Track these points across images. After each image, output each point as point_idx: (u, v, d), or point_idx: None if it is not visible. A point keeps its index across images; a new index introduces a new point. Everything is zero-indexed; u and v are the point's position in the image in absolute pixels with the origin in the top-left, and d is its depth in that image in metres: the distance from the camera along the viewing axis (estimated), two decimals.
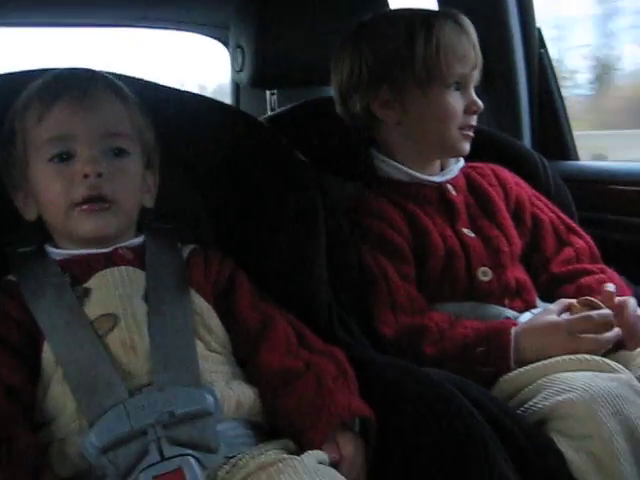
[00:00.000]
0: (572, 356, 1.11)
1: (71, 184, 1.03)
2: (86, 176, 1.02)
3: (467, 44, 1.34)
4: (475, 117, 1.37)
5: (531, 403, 1.06)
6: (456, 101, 1.34)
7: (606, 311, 1.18)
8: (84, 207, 1.03)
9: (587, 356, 1.11)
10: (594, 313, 1.17)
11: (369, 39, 1.38)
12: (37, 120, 1.05)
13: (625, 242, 1.67)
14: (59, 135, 1.04)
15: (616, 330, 1.16)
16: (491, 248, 1.33)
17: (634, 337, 1.19)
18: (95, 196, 1.03)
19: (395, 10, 1.47)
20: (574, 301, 1.22)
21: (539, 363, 1.13)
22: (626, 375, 1.07)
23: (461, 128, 1.35)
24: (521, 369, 1.14)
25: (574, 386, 1.03)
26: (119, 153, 1.07)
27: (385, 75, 1.35)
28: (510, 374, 1.14)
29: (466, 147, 1.38)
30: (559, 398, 1.03)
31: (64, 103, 1.05)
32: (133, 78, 1.25)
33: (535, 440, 0.98)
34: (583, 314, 1.17)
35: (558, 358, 1.12)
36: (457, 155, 1.41)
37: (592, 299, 1.21)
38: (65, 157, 1.04)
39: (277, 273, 1.18)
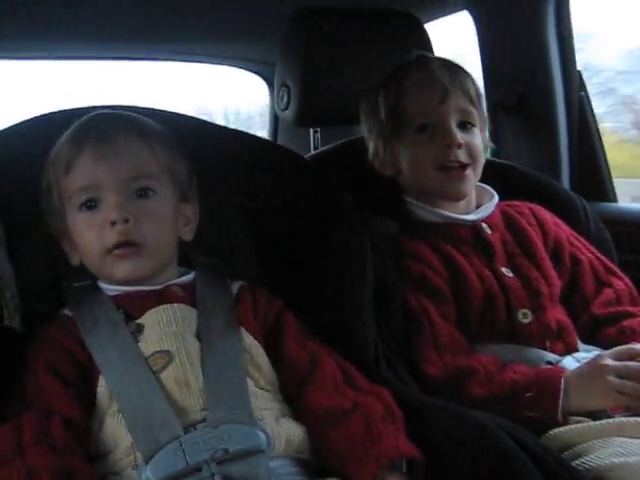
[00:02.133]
0: (627, 419, 1.10)
1: (101, 231, 1.06)
2: (113, 223, 1.05)
3: (432, 80, 1.37)
4: (456, 151, 1.35)
5: (583, 460, 1.04)
6: (424, 141, 1.37)
7: None
8: (116, 252, 1.06)
9: None
10: (635, 345, 1.16)
11: (363, 103, 1.48)
12: (65, 172, 1.09)
13: None
14: (86, 185, 1.08)
15: None
16: (530, 289, 1.33)
17: None
18: (124, 241, 1.06)
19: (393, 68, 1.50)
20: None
21: (592, 423, 1.12)
22: None
23: (441, 168, 1.36)
24: (572, 426, 1.13)
25: (632, 450, 1.01)
26: (145, 194, 1.09)
27: (374, 133, 1.45)
28: (561, 429, 1.13)
29: (457, 188, 1.38)
30: (615, 460, 1.00)
31: (87, 152, 1.08)
32: (171, 113, 1.29)
33: None
34: (632, 363, 1.16)
35: (610, 421, 1.11)
36: (453, 198, 1.40)
37: (630, 347, 1.20)
38: (93, 205, 1.08)
39: (324, 313, 1.20)
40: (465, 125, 1.38)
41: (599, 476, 1.01)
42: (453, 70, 1.41)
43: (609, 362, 1.16)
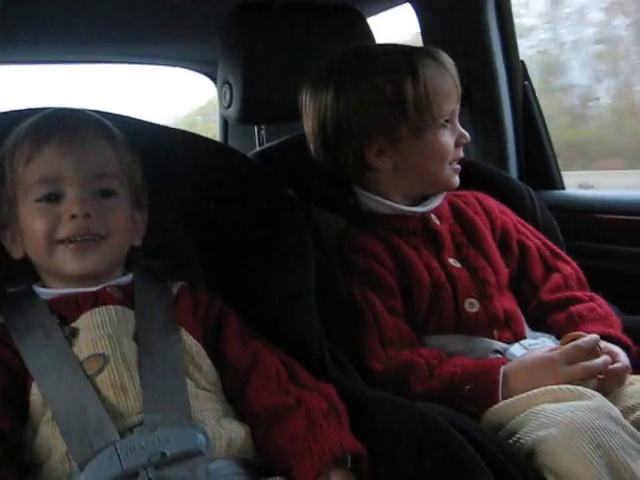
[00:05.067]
0: (552, 387, 1.10)
1: (57, 223, 1.04)
2: (73, 217, 1.03)
3: (450, 80, 1.35)
4: (461, 149, 1.38)
5: (516, 437, 1.05)
6: (448, 139, 1.35)
7: (593, 336, 1.18)
8: (70, 246, 1.03)
9: (565, 386, 1.10)
10: (582, 341, 1.16)
11: (352, 87, 1.34)
12: (26, 161, 1.06)
13: (612, 270, 1.68)
14: (48, 177, 1.05)
15: (603, 357, 1.16)
16: (477, 279, 1.33)
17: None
18: (84, 234, 1.03)
19: (370, 49, 1.43)
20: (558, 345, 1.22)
21: (521, 395, 1.12)
22: (604, 403, 1.06)
23: (451, 163, 1.37)
24: (506, 400, 1.13)
25: (555, 420, 1.02)
26: (107, 194, 1.08)
27: (378, 125, 1.33)
28: (496, 406, 1.13)
29: (457, 181, 1.39)
30: (540, 433, 1.01)
31: (53, 145, 1.06)
32: (121, 116, 1.26)
33: (528, 476, 0.97)
34: (573, 343, 1.16)
35: (538, 390, 1.11)
36: (448, 189, 1.41)
37: (576, 333, 1.21)
38: (53, 198, 1.05)
39: (267, 310, 1.19)
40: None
41: (529, 451, 1.03)
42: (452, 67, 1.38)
43: (552, 353, 1.17)
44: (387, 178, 1.39)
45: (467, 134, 1.38)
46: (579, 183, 2.07)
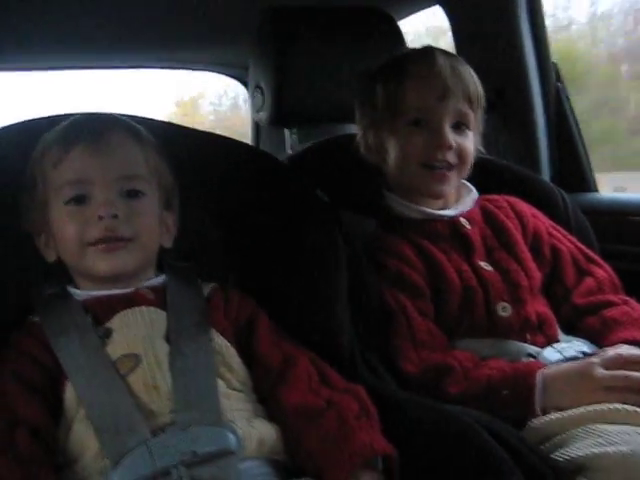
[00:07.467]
0: (607, 406, 1.07)
1: (86, 225, 1.05)
2: (101, 218, 1.04)
3: (433, 75, 1.33)
4: (445, 153, 1.33)
5: (563, 451, 1.02)
6: (415, 136, 1.34)
7: (637, 351, 1.16)
8: (100, 246, 1.04)
9: (622, 406, 1.07)
10: (624, 350, 1.14)
11: (359, 89, 1.45)
12: (55, 164, 1.07)
13: None
14: (76, 179, 1.06)
15: None
16: (510, 282, 1.32)
17: None
18: (110, 237, 1.04)
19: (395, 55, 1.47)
20: None
21: (571, 411, 1.09)
22: None
23: (425, 165, 1.34)
24: (552, 416, 1.11)
25: (611, 440, 0.99)
26: (135, 195, 1.09)
27: (367, 120, 1.42)
28: (541, 419, 1.11)
29: (437, 188, 1.36)
30: (595, 450, 0.98)
31: (81, 147, 1.07)
32: (153, 120, 1.27)
33: None
34: (614, 350, 1.15)
35: (590, 408, 1.08)
36: (432, 197, 1.39)
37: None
38: (81, 200, 1.06)
39: (298, 311, 1.18)
40: (459, 126, 1.35)
41: (579, 467, 1.00)
42: (457, 67, 1.36)
43: (594, 359, 1.15)
44: (389, 177, 1.43)
45: (448, 138, 1.32)
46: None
